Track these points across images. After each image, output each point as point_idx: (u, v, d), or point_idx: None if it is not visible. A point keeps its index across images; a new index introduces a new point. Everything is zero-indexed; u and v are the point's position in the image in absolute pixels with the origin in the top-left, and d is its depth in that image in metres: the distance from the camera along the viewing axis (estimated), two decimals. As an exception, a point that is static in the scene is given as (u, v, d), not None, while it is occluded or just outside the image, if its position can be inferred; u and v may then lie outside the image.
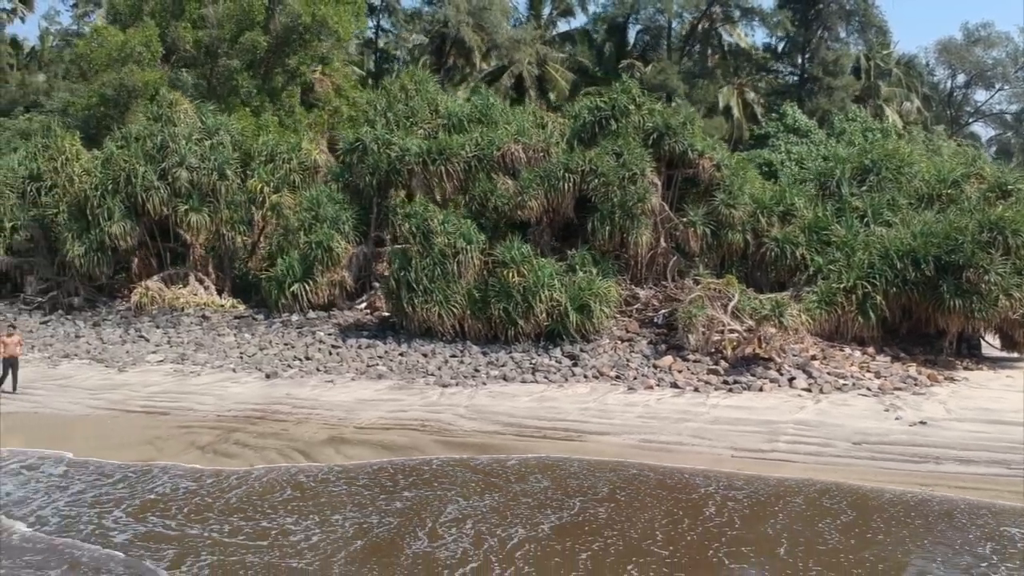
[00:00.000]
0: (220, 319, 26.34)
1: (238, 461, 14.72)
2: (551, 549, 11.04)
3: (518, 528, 11.74)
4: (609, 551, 11.00)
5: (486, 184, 25.16)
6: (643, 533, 11.57)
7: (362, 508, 12.44)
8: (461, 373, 21.41)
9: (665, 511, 12.42)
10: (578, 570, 10.36)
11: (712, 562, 10.57)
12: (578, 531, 11.67)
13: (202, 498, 12.72)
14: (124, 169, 26.86)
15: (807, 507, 12.56)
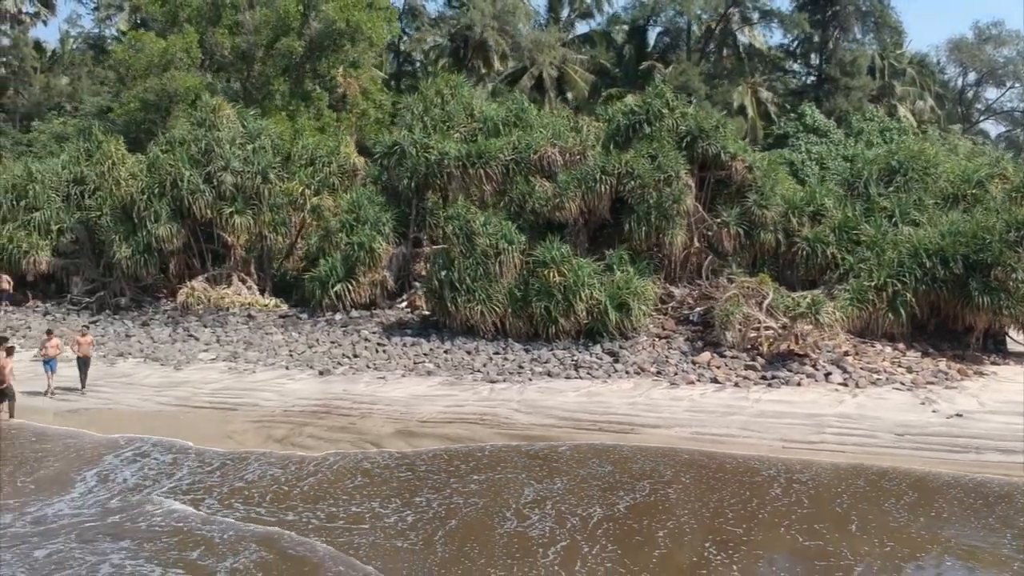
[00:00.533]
0: (265, 318, 27.14)
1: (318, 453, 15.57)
2: (629, 527, 11.87)
3: (596, 508, 12.59)
4: (684, 529, 11.82)
5: (524, 186, 25.95)
6: (715, 512, 12.39)
7: (440, 491, 13.27)
8: (506, 370, 22.19)
9: (732, 492, 13.24)
10: (659, 547, 11.16)
11: (786, 538, 11.38)
12: (652, 510, 12.50)
13: (305, 481, 13.59)
14: (170, 173, 27.65)
15: (869, 488, 13.36)
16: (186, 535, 11.39)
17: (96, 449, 15.70)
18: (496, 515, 12.26)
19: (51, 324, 28.09)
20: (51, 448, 15.76)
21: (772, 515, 12.21)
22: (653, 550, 11.06)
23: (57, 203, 30.30)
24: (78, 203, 30.55)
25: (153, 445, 15.87)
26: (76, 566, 10.15)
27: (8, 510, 11.99)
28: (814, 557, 10.74)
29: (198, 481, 13.78)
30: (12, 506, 11.93)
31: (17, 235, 29.61)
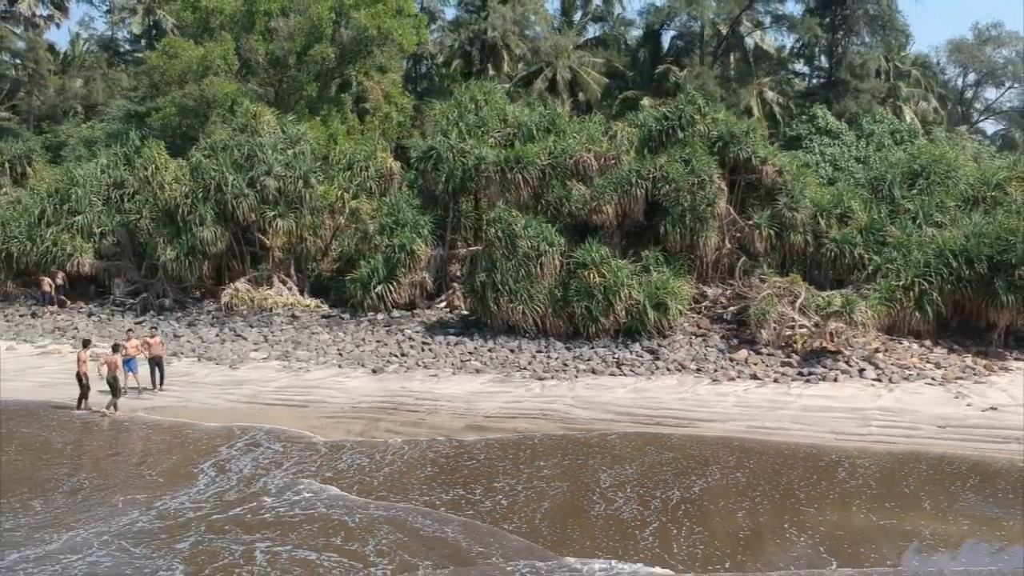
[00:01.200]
0: (309, 318, 27.99)
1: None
2: (708, 508, 12.92)
3: (673, 491, 13.62)
4: (759, 509, 12.82)
5: (560, 190, 26.86)
6: (785, 493, 13.40)
7: (517, 476, 14.21)
8: (552, 367, 23.12)
9: (799, 476, 14.25)
10: (740, 526, 12.11)
11: (859, 516, 12.35)
12: (726, 493, 13.52)
13: (411, 464, 14.65)
14: (214, 178, 28.42)
15: (931, 471, 14.38)
16: (326, 520, 12.40)
17: (211, 440, 16.81)
18: (583, 498, 13.27)
19: (98, 325, 28.94)
20: (167, 439, 16.87)
21: (843, 496, 13.21)
22: (737, 530, 12.02)
23: (98, 206, 31.02)
24: (118, 206, 31.27)
25: (267, 433, 17.18)
26: (228, 556, 10.96)
27: (135, 505, 12.81)
28: (894, 535, 11.70)
29: (323, 467, 14.94)
30: (140, 500, 12.74)
31: (61, 238, 30.32)
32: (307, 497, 13.29)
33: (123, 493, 13.33)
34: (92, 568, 10.57)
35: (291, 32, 32.72)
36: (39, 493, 13.44)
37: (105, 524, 11.90)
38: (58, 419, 18.94)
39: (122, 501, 12.90)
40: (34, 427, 18.15)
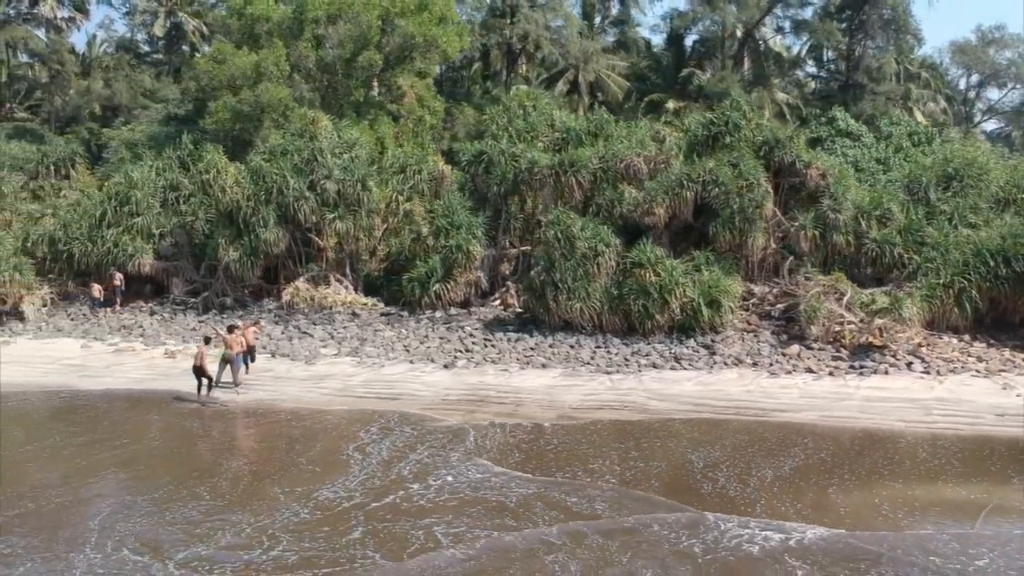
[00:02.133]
0: (369, 316, 29.13)
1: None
2: (800, 484, 14.19)
3: (766, 471, 14.90)
4: (848, 485, 14.10)
5: (612, 192, 28.09)
6: (871, 470, 14.69)
7: (628, 456, 15.49)
8: (614, 362, 24.35)
9: (881, 457, 15.62)
10: (835, 503, 13.36)
11: (946, 492, 13.65)
12: (814, 471, 14.86)
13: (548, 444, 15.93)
14: (276, 181, 29.51)
15: (1008, 452, 15.70)
16: (495, 486, 14.00)
17: (346, 426, 18.21)
18: (687, 476, 14.68)
19: (162, 323, 29.99)
20: (301, 427, 18.19)
21: (927, 474, 14.54)
22: (835, 506, 13.27)
23: (156, 208, 32.01)
24: (174, 208, 32.26)
25: (401, 417, 18.73)
26: (402, 539, 12.08)
27: (294, 498, 13.88)
28: (991, 511, 12.99)
29: (466, 446, 16.46)
30: (299, 493, 13.82)
31: (122, 239, 31.31)
32: (470, 471, 14.76)
33: (280, 484, 14.27)
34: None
35: (341, 39, 33.79)
36: (203, 481, 14.50)
37: (269, 517, 12.73)
38: (185, 408, 20.14)
39: (282, 494, 13.81)
40: (165, 415, 19.50)
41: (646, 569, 10.88)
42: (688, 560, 11.19)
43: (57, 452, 16.33)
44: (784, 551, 11.33)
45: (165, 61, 64.24)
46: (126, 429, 18.05)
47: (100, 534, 12.13)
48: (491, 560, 11.30)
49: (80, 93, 58.79)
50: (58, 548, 11.69)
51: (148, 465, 15.52)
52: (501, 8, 46.84)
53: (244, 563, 11.17)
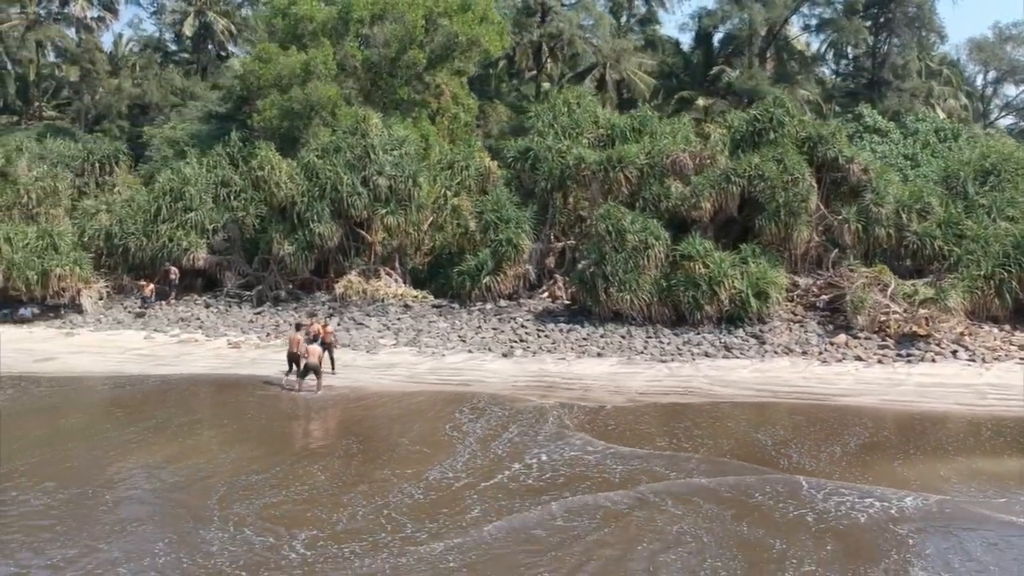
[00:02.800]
0: (421, 308, 29.97)
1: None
2: (867, 458, 15.08)
3: (835, 447, 15.82)
4: (917, 459, 15.03)
5: (658, 187, 28.91)
6: (936, 446, 15.65)
7: (708, 435, 16.37)
8: (667, 351, 25.18)
9: (945, 435, 16.54)
10: (909, 475, 14.18)
11: (1014, 461, 14.48)
12: (882, 447, 15.79)
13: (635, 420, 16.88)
14: (330, 177, 30.37)
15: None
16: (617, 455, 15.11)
17: (441, 407, 19.27)
18: (765, 450, 15.69)
19: (219, 315, 30.85)
20: (395, 408, 19.32)
21: (993, 450, 15.37)
22: (912, 477, 14.12)
23: (208, 204, 32.84)
24: (225, 204, 33.07)
25: (490, 398, 19.92)
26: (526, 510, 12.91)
27: (404, 478, 14.69)
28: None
29: (566, 424, 17.44)
30: (409, 474, 14.61)
31: (176, 234, 32.15)
32: (569, 444, 15.85)
33: (389, 466, 14.84)
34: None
35: (387, 38, 34.64)
36: (314, 460, 15.22)
37: (383, 497, 13.25)
38: (275, 391, 21.14)
39: (392, 475, 14.31)
40: (257, 397, 20.46)
41: (752, 530, 11.73)
42: (799, 525, 12.04)
43: (161, 432, 17.18)
44: (888, 519, 12.16)
45: (192, 60, 65.13)
46: (225, 411, 18.98)
47: (221, 513, 12.51)
48: (622, 511, 12.28)
49: (111, 92, 59.63)
50: (187, 525, 12.14)
51: (256, 445, 16.37)
52: (532, 7, 47.59)
53: (371, 543, 11.45)
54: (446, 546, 11.20)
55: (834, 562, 10.78)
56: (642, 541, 11.52)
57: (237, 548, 11.25)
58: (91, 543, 11.41)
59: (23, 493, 13.22)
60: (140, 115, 59.45)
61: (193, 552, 11.15)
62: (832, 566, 10.65)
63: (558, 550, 11.13)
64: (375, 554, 11.03)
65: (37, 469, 14.45)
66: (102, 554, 11.07)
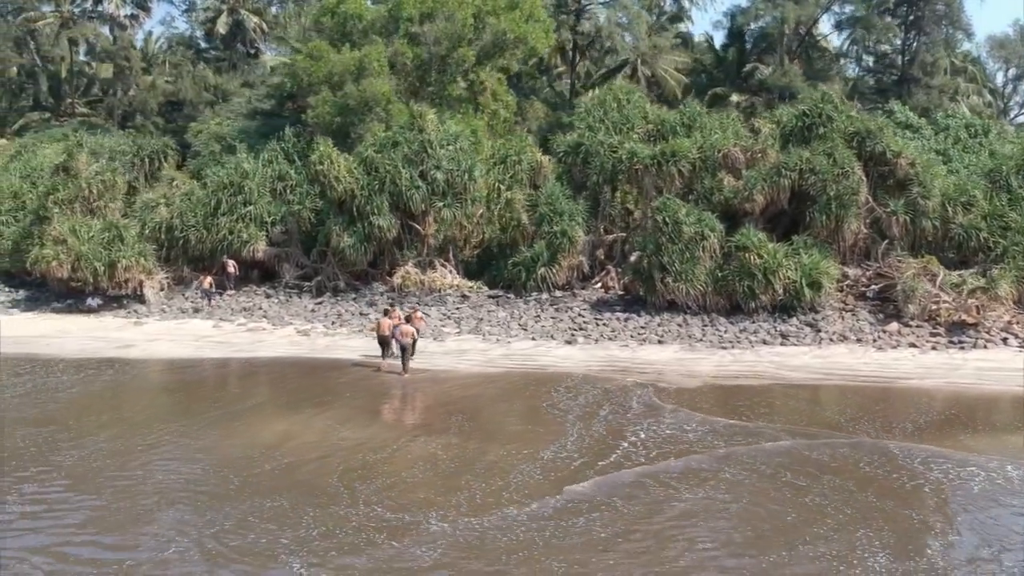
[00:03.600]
0: (477, 298, 30.88)
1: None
2: (939, 433, 16.05)
3: (907, 424, 16.84)
4: (990, 432, 15.92)
5: (711, 181, 29.80)
6: (1008, 422, 16.52)
7: (765, 410, 17.29)
8: (725, 339, 26.08)
9: (1013, 412, 17.34)
10: (989, 445, 15.11)
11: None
12: (951, 423, 16.79)
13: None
14: (389, 172, 31.31)
15: None
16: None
17: (536, 386, 20.29)
18: (843, 423, 16.81)
19: (282, 305, 31.80)
20: (494, 388, 20.44)
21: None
22: (987, 448, 15.06)
23: (267, 197, 33.77)
24: (282, 197, 33.99)
25: (583, 379, 20.89)
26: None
27: (521, 459, 15.53)
28: None
29: (665, 400, 18.60)
30: (525, 455, 15.52)
31: (236, 227, 33.09)
32: (673, 417, 16.99)
33: (503, 445, 15.37)
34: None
35: (437, 36, 35.53)
36: (431, 440, 15.88)
37: (502, 479, 13.63)
38: (366, 372, 22.22)
39: (507, 455, 14.85)
40: (350, 378, 21.56)
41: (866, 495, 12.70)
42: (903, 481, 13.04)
43: (265, 411, 18.12)
44: (995, 485, 13.17)
45: (223, 57, 66.02)
46: (323, 391, 19.88)
47: (348, 490, 12.81)
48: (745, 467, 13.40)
49: (145, 88, 60.57)
50: (321, 500, 12.35)
51: (365, 424, 17.27)
52: (568, 5, 48.43)
53: (501, 517, 11.77)
54: (587, 520, 11.81)
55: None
56: (778, 489, 12.82)
57: (378, 524, 11.58)
58: (241, 516, 11.87)
59: (171, 473, 13.99)
60: (173, 112, 60.47)
61: (336, 525, 11.52)
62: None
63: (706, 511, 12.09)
64: (513, 530, 11.39)
65: (163, 450, 15.18)
66: (255, 524, 11.54)
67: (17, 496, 12.64)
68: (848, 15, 47.62)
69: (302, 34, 62.50)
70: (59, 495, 12.77)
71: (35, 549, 10.87)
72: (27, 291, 35.41)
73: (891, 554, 10.53)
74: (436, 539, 11.13)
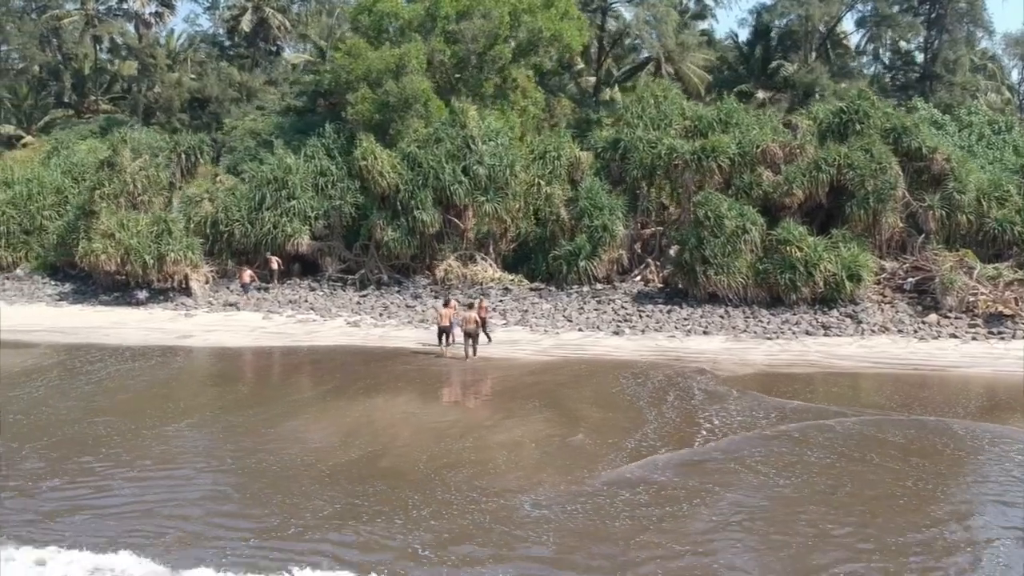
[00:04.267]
0: (519, 291, 31.54)
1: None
2: (1001, 413, 16.80)
3: (958, 409, 17.52)
4: None
5: (750, 175, 30.45)
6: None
7: (828, 393, 17.96)
8: (769, 330, 26.72)
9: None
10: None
11: None
12: (1005, 406, 17.65)
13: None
14: (432, 167, 31.97)
15: None
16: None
17: (602, 374, 21.13)
18: (903, 405, 17.58)
19: (328, 297, 32.48)
20: (568, 374, 21.28)
21: None
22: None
23: (309, 192, 34.44)
24: (324, 192, 34.64)
25: (646, 367, 21.67)
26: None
27: (606, 448, 16.17)
28: None
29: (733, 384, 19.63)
30: (609, 444, 16.16)
31: (280, 221, 33.76)
32: (743, 399, 17.81)
33: (587, 434, 15.62)
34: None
35: (475, 34, 36.18)
36: (512, 424, 16.52)
37: (588, 469, 14.96)
38: (428, 359, 23.16)
39: (591, 444, 15.32)
40: (415, 365, 22.45)
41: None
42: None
43: (341, 396, 18.78)
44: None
45: (246, 55, 66.65)
46: (391, 377, 20.58)
47: (438, 476, 13.13)
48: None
49: (171, 85, 61.19)
50: (410, 489, 12.68)
51: (444, 411, 17.99)
52: (593, 3, 49.02)
53: (614, 503, 12.63)
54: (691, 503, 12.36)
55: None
56: (864, 458, 13.79)
57: (472, 507, 11.89)
58: (348, 501, 12.18)
59: (270, 455, 14.67)
60: (198, 109, 61.09)
61: (441, 509, 11.80)
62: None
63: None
64: (617, 512, 11.74)
65: (256, 435, 15.86)
66: (363, 507, 12.00)
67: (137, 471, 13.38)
68: (872, 13, 48.11)
69: (326, 32, 63.37)
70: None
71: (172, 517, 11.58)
72: (72, 284, 36.06)
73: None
74: (541, 524, 11.31)
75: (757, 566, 10.08)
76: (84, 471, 13.33)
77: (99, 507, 11.97)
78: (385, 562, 10.24)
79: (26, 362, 22.14)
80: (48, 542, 10.62)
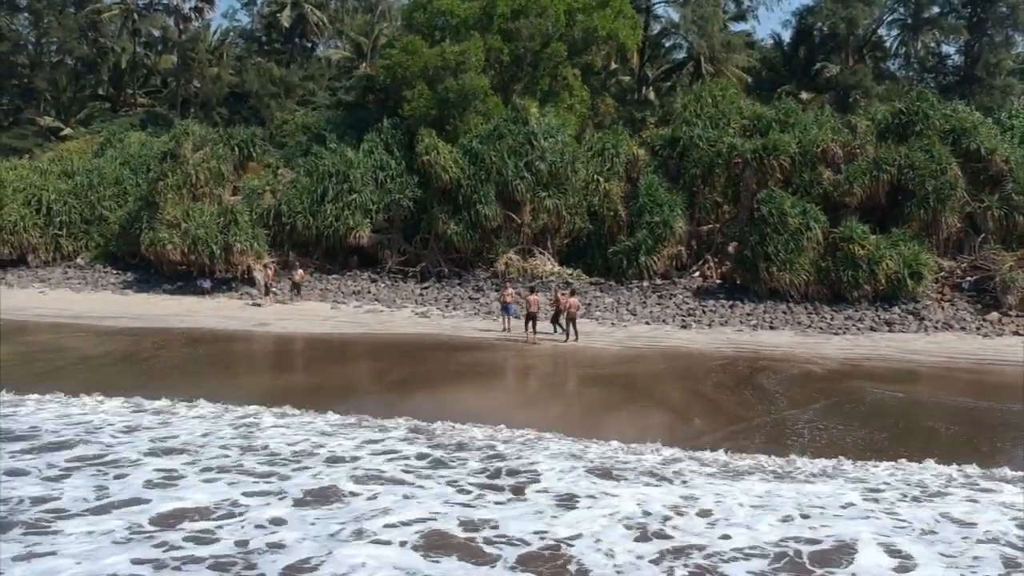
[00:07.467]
0: (578, 285, 32.01)
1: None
2: None
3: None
4: None
5: (810, 174, 30.97)
6: None
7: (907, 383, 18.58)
8: (834, 325, 27.25)
9: None
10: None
11: None
12: None
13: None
14: (495, 162, 32.57)
15: None
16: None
17: (699, 365, 21.82)
18: (995, 394, 18.26)
19: (391, 289, 33.11)
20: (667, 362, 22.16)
21: None
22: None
23: (370, 186, 35.07)
24: (383, 186, 35.26)
25: (733, 359, 22.39)
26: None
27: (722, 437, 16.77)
28: None
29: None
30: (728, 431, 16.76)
31: (343, 214, 34.41)
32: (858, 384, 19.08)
33: (702, 418, 16.45)
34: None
35: (531, 32, 36.77)
36: (651, 408, 17.31)
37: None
38: (517, 345, 24.09)
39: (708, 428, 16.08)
40: (511, 352, 23.36)
41: None
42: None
43: (459, 381, 19.38)
44: None
45: (284, 50, 67.36)
46: (492, 366, 21.27)
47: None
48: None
49: (211, 80, 61.90)
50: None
51: (549, 396, 18.59)
52: (636, 3, 49.56)
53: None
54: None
55: None
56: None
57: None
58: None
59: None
60: (237, 103, 61.83)
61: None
62: None
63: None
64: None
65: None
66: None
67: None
68: (912, 15, 48.53)
69: (364, 29, 63.98)
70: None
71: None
72: (134, 273, 36.76)
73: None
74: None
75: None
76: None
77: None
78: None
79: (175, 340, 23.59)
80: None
